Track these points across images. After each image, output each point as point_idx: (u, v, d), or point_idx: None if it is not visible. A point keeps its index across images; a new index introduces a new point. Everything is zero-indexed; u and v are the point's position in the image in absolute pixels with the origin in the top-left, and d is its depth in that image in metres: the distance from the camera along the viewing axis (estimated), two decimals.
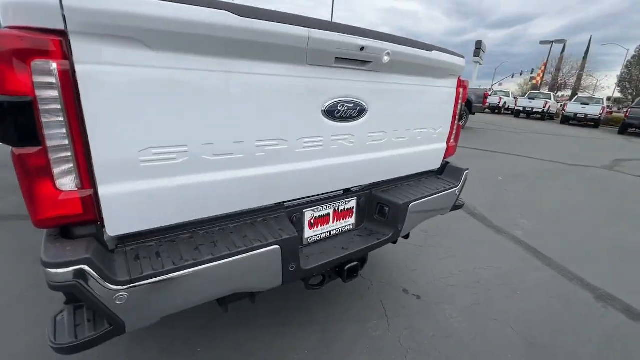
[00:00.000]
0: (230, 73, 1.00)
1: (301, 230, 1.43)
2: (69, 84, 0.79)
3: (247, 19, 0.94)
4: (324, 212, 1.51)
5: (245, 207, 1.21)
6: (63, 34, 0.76)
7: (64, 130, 0.81)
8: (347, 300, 2.12)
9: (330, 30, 1.13)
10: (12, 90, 0.73)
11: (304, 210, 1.42)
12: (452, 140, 2.01)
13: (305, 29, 1.06)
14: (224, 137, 1.05)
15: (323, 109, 1.26)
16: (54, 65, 0.76)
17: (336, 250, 1.47)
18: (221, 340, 1.74)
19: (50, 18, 0.74)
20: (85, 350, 0.91)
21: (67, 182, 0.85)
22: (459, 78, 1.86)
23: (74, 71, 0.78)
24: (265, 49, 1.03)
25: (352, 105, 1.34)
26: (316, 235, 1.51)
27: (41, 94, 0.76)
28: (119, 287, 0.86)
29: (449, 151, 2.02)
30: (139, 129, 0.90)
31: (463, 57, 1.81)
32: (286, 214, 1.34)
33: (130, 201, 0.94)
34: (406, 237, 2.07)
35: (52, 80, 0.77)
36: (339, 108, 1.30)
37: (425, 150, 1.84)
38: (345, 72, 1.29)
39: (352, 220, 1.64)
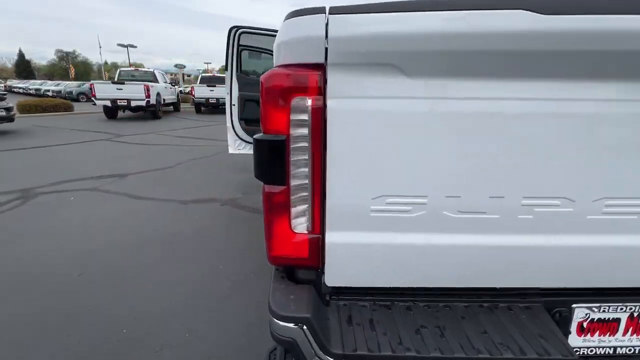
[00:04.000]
0: (507, 100, 0.70)
1: (564, 335, 0.92)
2: (319, 120, 0.72)
3: (553, 16, 0.61)
4: (610, 316, 0.92)
5: (485, 284, 0.86)
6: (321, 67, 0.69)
7: (307, 169, 0.75)
8: None
9: None
10: (273, 130, 0.72)
11: (574, 306, 0.91)
12: None
13: None
14: (477, 189, 0.75)
15: None
16: (309, 102, 0.71)
17: None
18: None
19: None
20: None
21: (301, 224, 0.79)
22: None
23: (325, 107, 0.70)
24: (592, 60, 0.66)
25: None
26: (589, 348, 0.94)
27: (294, 132, 0.73)
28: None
29: None
30: (377, 173, 0.74)
31: None
32: (542, 305, 0.88)
33: (352, 252, 0.81)
34: None
35: (305, 117, 0.72)
36: None
37: None
38: None
39: None
